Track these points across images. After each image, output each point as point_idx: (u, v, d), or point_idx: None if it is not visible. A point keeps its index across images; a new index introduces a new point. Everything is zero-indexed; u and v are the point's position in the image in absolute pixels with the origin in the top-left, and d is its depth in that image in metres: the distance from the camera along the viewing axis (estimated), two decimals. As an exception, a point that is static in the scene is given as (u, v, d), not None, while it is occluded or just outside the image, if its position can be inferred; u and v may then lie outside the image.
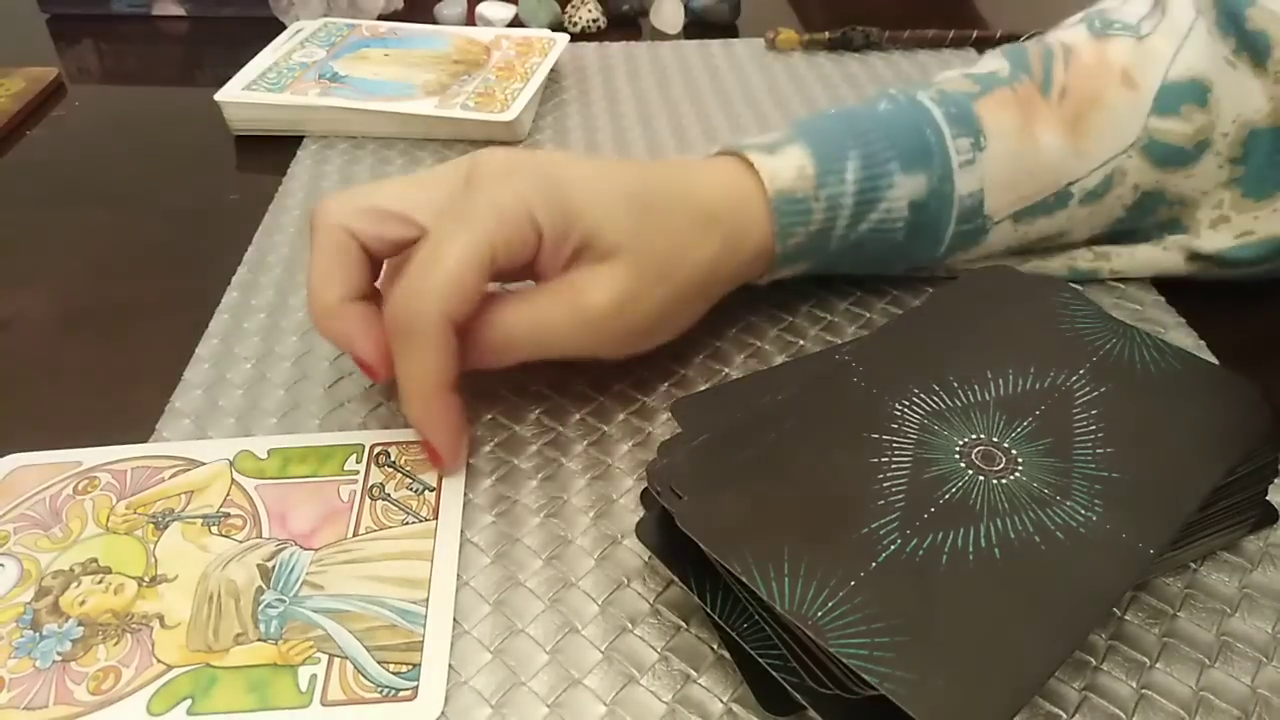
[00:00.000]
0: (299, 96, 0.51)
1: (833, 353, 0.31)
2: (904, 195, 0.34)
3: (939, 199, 0.35)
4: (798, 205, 0.33)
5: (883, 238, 0.35)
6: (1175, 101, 0.35)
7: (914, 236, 0.35)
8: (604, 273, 0.30)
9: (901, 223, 0.35)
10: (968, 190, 0.35)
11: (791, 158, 0.33)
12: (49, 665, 0.25)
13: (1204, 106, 0.35)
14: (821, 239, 0.34)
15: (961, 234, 0.36)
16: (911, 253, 0.36)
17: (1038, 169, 0.35)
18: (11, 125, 0.52)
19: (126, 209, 0.46)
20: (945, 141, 0.34)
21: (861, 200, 0.34)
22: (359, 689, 0.24)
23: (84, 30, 0.66)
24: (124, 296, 0.40)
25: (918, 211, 0.35)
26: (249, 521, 0.29)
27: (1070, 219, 0.37)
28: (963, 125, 0.35)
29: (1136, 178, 0.36)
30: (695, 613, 0.27)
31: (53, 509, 0.29)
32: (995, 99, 0.35)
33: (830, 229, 0.34)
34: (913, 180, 0.34)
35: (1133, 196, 0.36)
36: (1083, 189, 0.36)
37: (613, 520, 0.29)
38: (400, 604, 0.26)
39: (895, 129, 0.35)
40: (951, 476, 0.25)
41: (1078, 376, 0.28)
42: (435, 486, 0.30)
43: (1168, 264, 0.38)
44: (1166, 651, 0.25)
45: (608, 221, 0.30)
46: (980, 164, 0.35)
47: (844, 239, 0.35)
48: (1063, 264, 0.38)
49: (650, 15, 0.65)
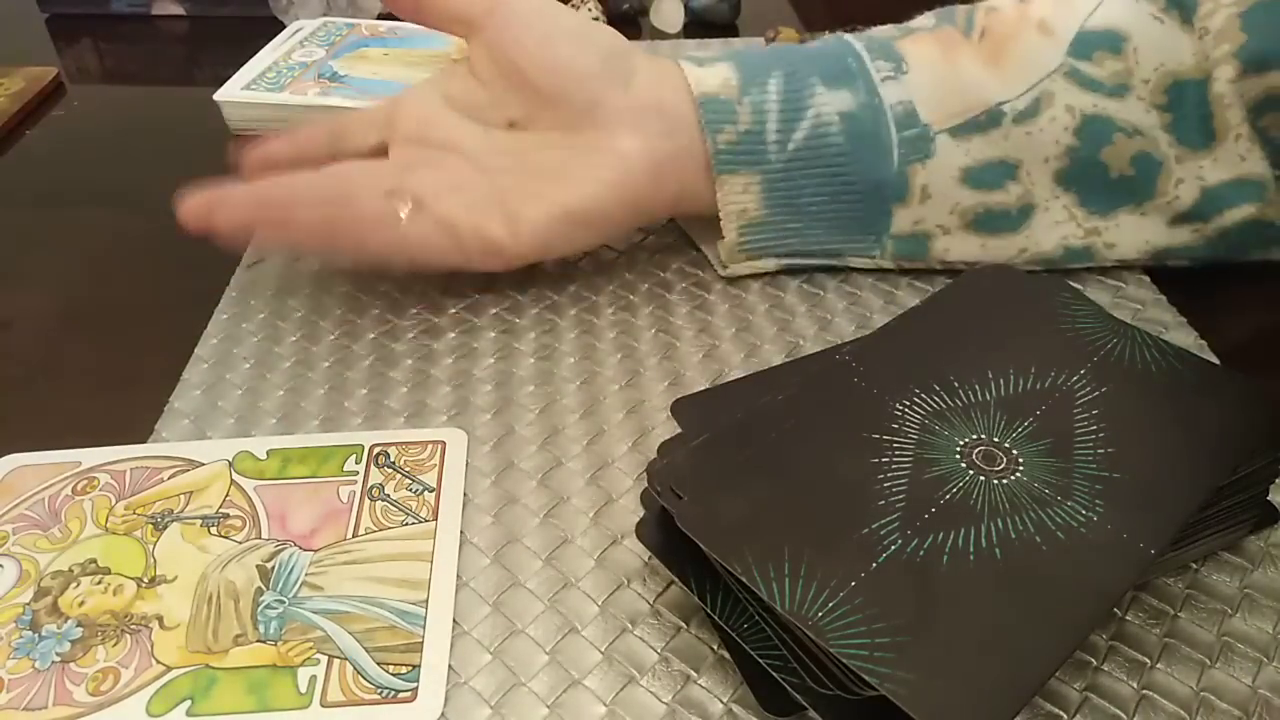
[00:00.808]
0: (298, 96, 0.51)
1: (833, 353, 0.31)
2: (830, 105, 0.37)
3: (869, 110, 0.37)
4: (722, 106, 0.36)
5: (822, 145, 0.37)
6: (1089, 48, 0.36)
7: (857, 144, 0.37)
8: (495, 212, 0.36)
9: (836, 130, 0.36)
10: (896, 99, 0.37)
11: (718, 70, 0.37)
12: (48, 666, 0.25)
13: (1118, 54, 0.36)
14: (754, 141, 0.36)
15: (907, 141, 0.37)
16: (861, 164, 0.37)
17: (961, 87, 0.37)
18: (11, 125, 0.52)
19: (126, 209, 0.46)
20: (866, 64, 0.37)
21: (786, 107, 0.36)
22: (358, 690, 0.24)
23: (83, 30, 0.66)
24: (124, 296, 0.40)
25: (850, 121, 0.36)
26: (248, 522, 0.29)
27: (1008, 140, 0.37)
28: (884, 54, 0.37)
29: (1067, 98, 0.36)
30: (695, 613, 0.27)
31: (51, 509, 0.29)
32: (915, 38, 0.38)
33: (760, 132, 0.36)
34: (837, 95, 0.37)
35: (1072, 119, 0.37)
36: (1014, 109, 0.37)
37: (613, 520, 0.29)
38: (400, 605, 0.26)
39: (818, 56, 0.38)
40: (952, 476, 0.25)
41: (1078, 376, 0.28)
42: (435, 487, 0.30)
43: (1154, 234, 0.38)
44: (1167, 652, 0.25)
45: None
46: (903, 82, 0.37)
47: (780, 146, 0.36)
48: (1057, 244, 0.38)
49: (650, 15, 0.65)
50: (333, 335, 0.37)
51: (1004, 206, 0.38)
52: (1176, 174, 0.37)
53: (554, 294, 0.39)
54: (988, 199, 0.38)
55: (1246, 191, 0.37)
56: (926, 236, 0.38)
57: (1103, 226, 0.38)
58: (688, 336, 0.37)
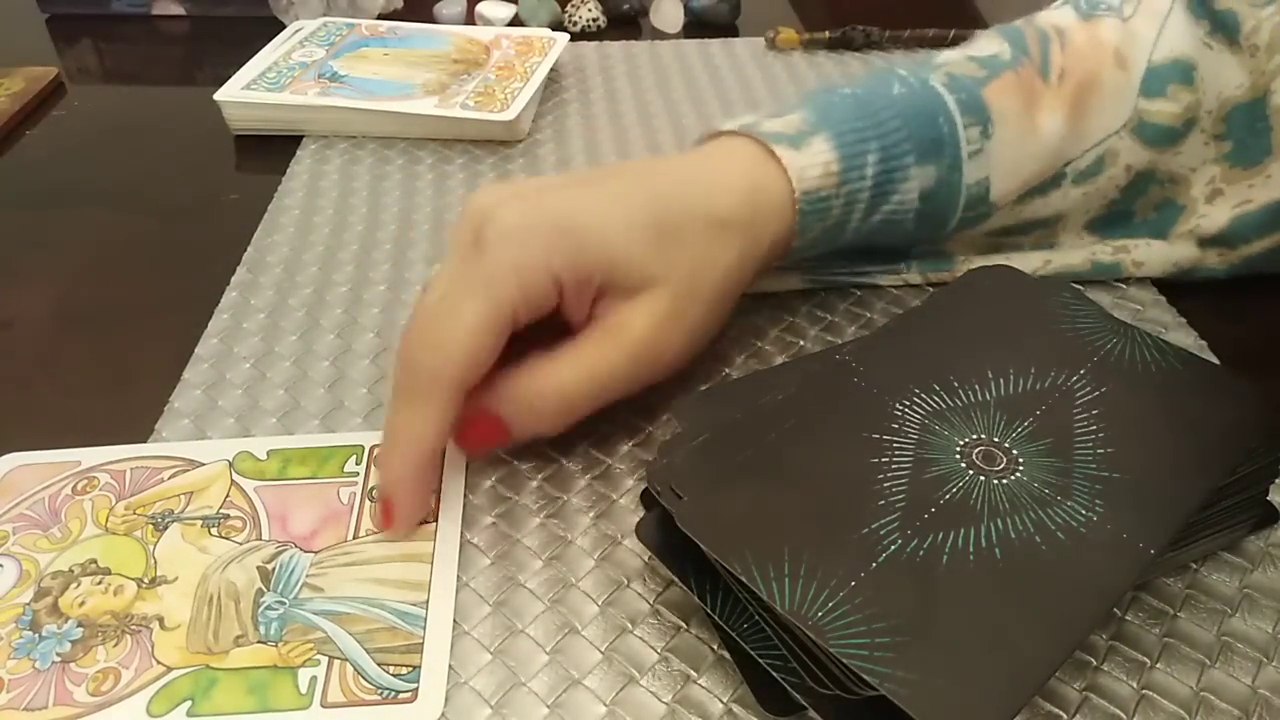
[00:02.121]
0: (298, 96, 0.51)
1: (833, 353, 0.31)
2: (916, 187, 0.34)
3: (947, 188, 0.35)
4: (821, 204, 0.33)
5: (893, 227, 0.36)
6: (1161, 84, 0.36)
7: (921, 224, 0.36)
8: (640, 306, 0.30)
9: (912, 213, 0.35)
10: (975, 179, 0.35)
11: (817, 153, 0.33)
12: (48, 666, 0.25)
13: (1190, 85, 0.36)
14: (837, 231, 0.35)
15: (965, 220, 0.36)
16: (916, 238, 0.37)
17: (1040, 153, 0.36)
18: (11, 125, 0.52)
19: (126, 209, 0.46)
20: (958, 131, 0.34)
21: (877, 194, 0.34)
22: (359, 691, 0.24)
23: (84, 30, 0.66)
24: (124, 296, 0.40)
25: (926, 201, 0.35)
26: (249, 523, 0.29)
27: (1064, 199, 0.37)
28: (973, 113, 0.35)
29: (1128, 158, 0.37)
30: (695, 613, 0.27)
31: (52, 509, 0.29)
32: (1001, 83, 0.35)
33: (846, 221, 0.34)
34: (924, 171, 0.34)
35: (1126, 177, 0.37)
36: (1075, 170, 0.36)
37: (613, 520, 0.29)
38: (400, 606, 0.26)
39: (912, 118, 0.34)
40: (952, 476, 0.25)
41: (1078, 376, 0.28)
42: (435, 488, 0.30)
43: (1182, 256, 0.38)
44: (1167, 652, 0.25)
45: (629, 259, 0.30)
46: (987, 153, 0.35)
47: (858, 230, 0.35)
48: (1084, 259, 0.39)
49: (650, 15, 0.65)
50: (333, 335, 0.37)
51: (1018, 245, 0.39)
52: (1200, 212, 0.38)
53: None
54: (1003, 241, 0.39)
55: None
56: (949, 256, 0.39)
57: (1131, 245, 0.39)
58: (688, 336, 0.37)
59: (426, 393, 0.27)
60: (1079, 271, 0.39)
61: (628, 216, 0.30)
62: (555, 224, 0.29)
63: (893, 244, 0.38)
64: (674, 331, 0.31)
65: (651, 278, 0.30)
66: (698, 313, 0.31)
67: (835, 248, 0.36)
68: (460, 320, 0.27)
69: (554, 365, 0.29)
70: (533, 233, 0.29)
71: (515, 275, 0.28)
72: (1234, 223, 0.37)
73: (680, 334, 0.31)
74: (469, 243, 0.29)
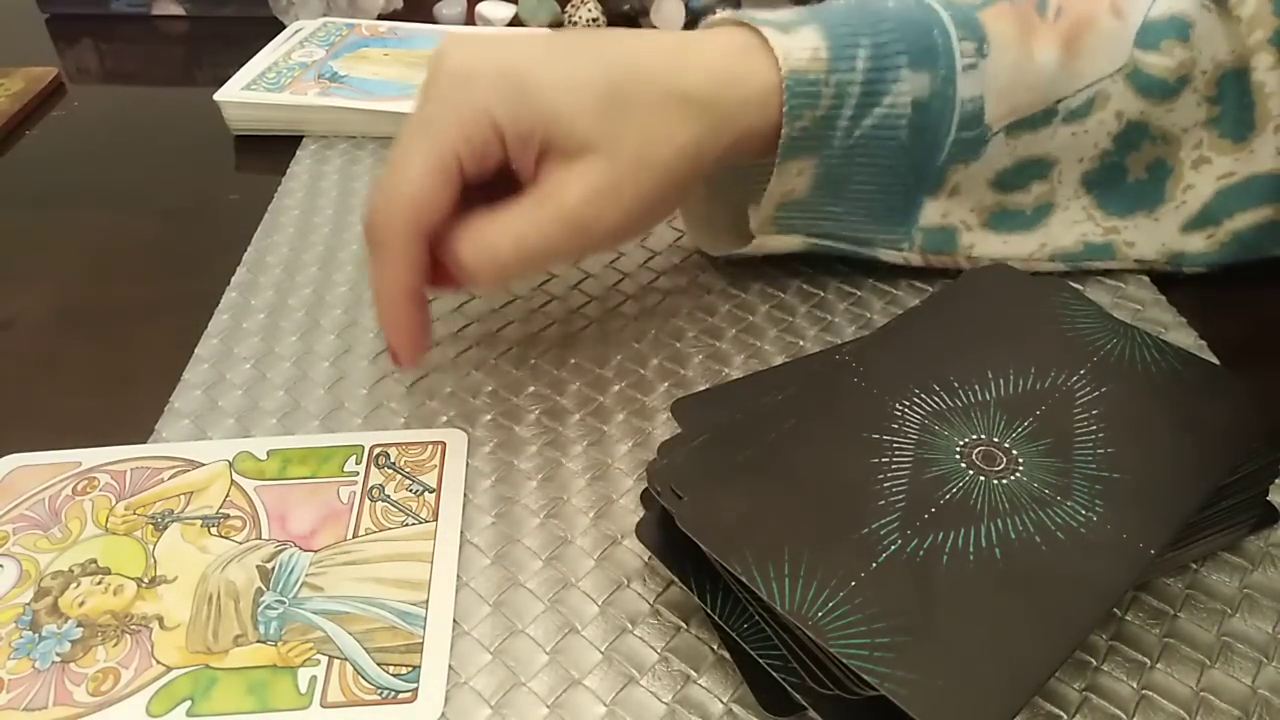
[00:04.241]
0: (298, 96, 0.51)
1: (833, 353, 0.31)
2: (908, 92, 0.34)
3: (941, 100, 0.35)
4: (809, 87, 0.33)
5: (885, 137, 0.35)
6: (1156, 38, 0.36)
7: (915, 138, 0.35)
8: (576, 170, 0.30)
9: (904, 121, 0.35)
10: (969, 94, 0.35)
11: (806, 38, 0.33)
12: (48, 666, 0.25)
13: (1186, 42, 0.36)
14: (826, 127, 0.34)
15: (961, 142, 0.36)
16: (912, 158, 0.36)
17: (1033, 82, 0.36)
18: (11, 125, 0.52)
19: (126, 209, 0.46)
20: (952, 43, 0.34)
21: (868, 90, 0.34)
22: (359, 691, 0.24)
23: (83, 30, 0.66)
24: (124, 296, 0.40)
25: (920, 112, 0.35)
26: (248, 523, 0.29)
27: (1054, 139, 0.37)
28: (968, 30, 0.35)
29: (1120, 104, 0.36)
30: (695, 613, 0.27)
31: (52, 509, 0.29)
32: (997, 9, 0.36)
33: (835, 118, 0.34)
34: (918, 78, 0.34)
35: (1118, 125, 0.37)
36: (1067, 108, 0.36)
37: (613, 520, 0.29)
38: (400, 605, 0.26)
39: (907, 26, 0.34)
40: (952, 476, 0.25)
41: (1078, 376, 0.28)
42: (435, 488, 0.30)
43: (1171, 236, 0.38)
44: (1167, 652, 0.25)
45: (572, 118, 0.29)
46: (982, 70, 0.35)
47: (847, 133, 0.34)
48: (1076, 240, 0.38)
49: (650, 14, 0.64)
50: (333, 335, 0.37)
51: (1020, 207, 0.38)
52: (1186, 180, 0.37)
53: (554, 294, 0.39)
54: (1006, 199, 0.38)
55: (1267, 190, 0.36)
56: (954, 230, 0.38)
57: (1121, 225, 0.39)
58: (688, 337, 0.37)
59: (385, 241, 0.29)
60: (1071, 254, 0.38)
61: (579, 76, 0.30)
62: (499, 70, 0.29)
63: (887, 170, 0.36)
64: (609, 205, 0.30)
65: (592, 143, 0.29)
66: (640, 190, 0.30)
67: (826, 167, 0.35)
68: (407, 167, 0.29)
69: (483, 220, 0.30)
70: (476, 77, 0.29)
71: (456, 117, 0.29)
72: (1218, 196, 0.37)
73: (615, 209, 0.30)
74: (421, 89, 0.30)
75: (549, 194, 0.30)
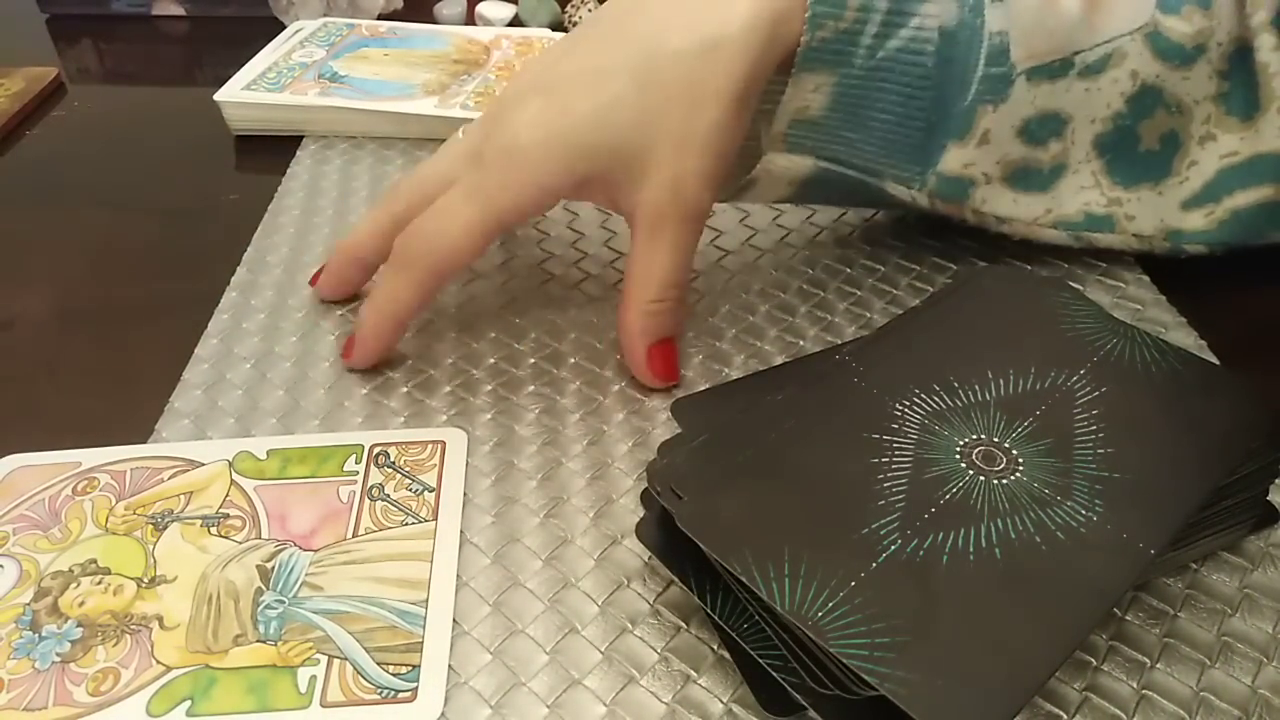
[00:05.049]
0: (299, 96, 0.51)
1: (833, 353, 0.31)
2: (935, 15, 0.34)
3: (969, 31, 0.35)
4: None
5: (910, 62, 0.34)
6: (1179, 1, 0.36)
7: (943, 71, 0.35)
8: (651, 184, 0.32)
9: (931, 46, 0.34)
10: (997, 28, 0.35)
11: None
12: (48, 666, 0.25)
13: (1207, 10, 0.36)
14: (848, 43, 0.33)
15: (989, 78, 0.35)
16: (939, 90, 0.35)
17: (1054, 27, 0.35)
18: (11, 125, 0.52)
19: (126, 209, 0.46)
20: None
21: (894, 9, 0.34)
22: (358, 690, 0.24)
23: (84, 30, 0.66)
24: (124, 296, 0.40)
25: (947, 40, 0.34)
26: (248, 522, 0.29)
27: (1070, 94, 0.36)
28: None
29: (1136, 63, 0.36)
30: (695, 613, 0.27)
31: (52, 510, 0.29)
32: None
33: (858, 33, 0.33)
34: (944, 4, 0.34)
35: (1132, 85, 0.37)
36: (1083, 61, 0.36)
37: (613, 520, 0.29)
38: (400, 605, 0.26)
39: None
40: (952, 477, 0.25)
41: (1078, 376, 0.28)
42: (435, 487, 0.30)
43: (1170, 213, 0.38)
44: (1167, 652, 0.25)
45: (615, 148, 0.32)
46: (1008, 5, 0.35)
47: (870, 53, 0.34)
48: (1079, 209, 0.38)
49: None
50: (333, 335, 0.37)
51: (1039, 164, 0.38)
52: (1191, 155, 0.38)
53: (554, 293, 0.39)
54: (1030, 155, 0.38)
55: (1269, 169, 0.37)
56: (970, 182, 0.37)
57: (1125, 198, 0.39)
58: (689, 336, 0.37)
59: (411, 265, 0.33)
60: (1073, 222, 0.38)
61: (612, 90, 0.32)
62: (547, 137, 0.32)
63: (912, 104, 0.35)
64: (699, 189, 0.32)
65: (647, 150, 0.32)
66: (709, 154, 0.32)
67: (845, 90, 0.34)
68: (454, 222, 0.32)
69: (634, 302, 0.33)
70: (531, 153, 0.32)
71: (511, 193, 0.32)
72: (1220, 174, 0.37)
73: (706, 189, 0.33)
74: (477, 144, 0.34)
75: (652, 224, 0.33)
